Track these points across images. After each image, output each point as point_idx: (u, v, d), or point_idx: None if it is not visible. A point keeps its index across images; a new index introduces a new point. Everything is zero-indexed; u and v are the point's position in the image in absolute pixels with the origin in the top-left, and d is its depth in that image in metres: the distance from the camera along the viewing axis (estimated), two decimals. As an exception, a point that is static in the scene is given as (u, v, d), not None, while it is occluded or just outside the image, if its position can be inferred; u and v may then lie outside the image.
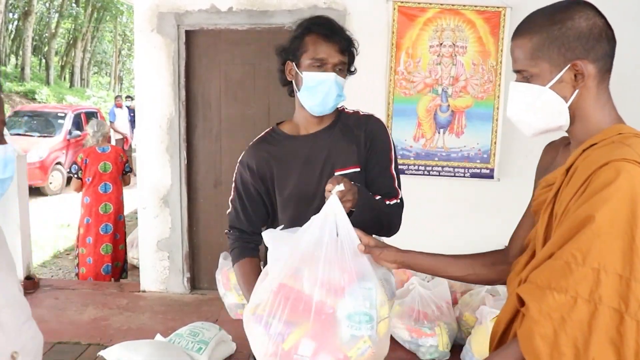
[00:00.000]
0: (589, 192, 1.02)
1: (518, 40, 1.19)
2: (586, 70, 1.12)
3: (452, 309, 3.51)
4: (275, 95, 4.43)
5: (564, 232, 1.03)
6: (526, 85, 1.18)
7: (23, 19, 21.33)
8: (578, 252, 0.99)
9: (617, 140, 1.09)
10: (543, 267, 1.05)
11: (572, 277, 0.99)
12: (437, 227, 4.33)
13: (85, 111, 11.58)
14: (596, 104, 1.16)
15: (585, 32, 1.12)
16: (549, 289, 1.00)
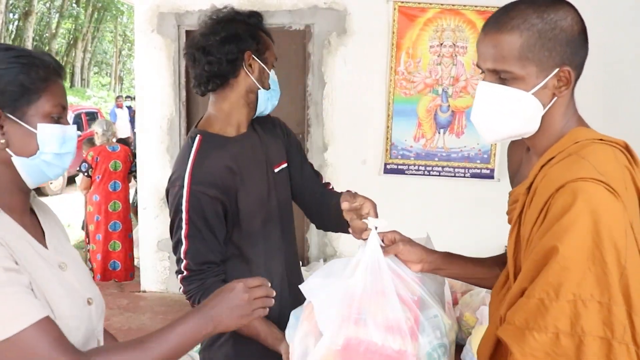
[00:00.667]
0: (548, 220, 0.97)
1: (502, 36, 1.03)
2: (572, 77, 1.04)
3: (452, 309, 3.51)
4: (275, 96, 4.43)
5: (530, 266, 0.98)
6: (503, 88, 1.05)
7: (23, 19, 21.36)
8: (549, 287, 0.94)
9: (574, 152, 1.02)
10: (518, 306, 0.99)
11: (548, 314, 0.93)
12: (437, 227, 4.31)
13: (85, 111, 11.59)
14: (565, 112, 1.08)
15: (575, 36, 1.04)
16: (528, 329, 0.95)
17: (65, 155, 1.08)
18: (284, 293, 1.60)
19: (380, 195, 4.83)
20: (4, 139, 1.01)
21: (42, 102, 1.03)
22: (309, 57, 4.30)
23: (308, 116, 4.36)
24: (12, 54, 1.04)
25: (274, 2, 4.24)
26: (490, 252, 1.45)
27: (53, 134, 1.04)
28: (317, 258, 4.42)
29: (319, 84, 4.30)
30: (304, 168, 1.75)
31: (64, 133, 1.07)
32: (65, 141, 1.08)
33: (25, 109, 1.01)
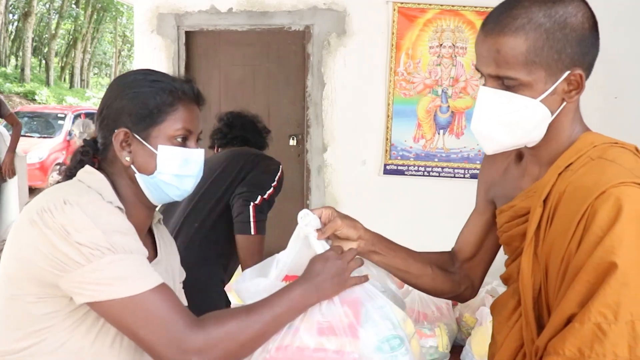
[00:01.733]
0: (594, 231, 0.85)
1: (505, 38, 0.91)
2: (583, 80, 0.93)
3: (452, 310, 3.51)
4: (275, 96, 4.43)
5: (581, 287, 0.86)
6: (508, 95, 0.94)
7: (23, 20, 21.35)
8: (607, 309, 0.83)
9: (596, 155, 0.93)
10: (568, 335, 0.86)
11: (607, 339, 0.82)
12: (436, 227, 4.32)
13: (85, 112, 11.57)
14: (573, 118, 0.99)
15: (586, 35, 0.92)
16: (583, 358, 0.84)
17: (185, 177, 1.15)
18: None
19: (379, 196, 4.86)
20: (130, 157, 1.11)
21: (165, 125, 1.11)
22: (309, 57, 4.30)
23: (307, 117, 4.36)
24: (149, 77, 1.15)
25: (274, 3, 4.24)
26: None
27: (173, 155, 1.12)
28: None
29: (318, 85, 4.30)
30: None
31: (185, 156, 1.14)
32: (187, 164, 1.14)
33: (150, 130, 1.11)
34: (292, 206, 4.55)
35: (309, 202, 4.45)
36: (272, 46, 4.38)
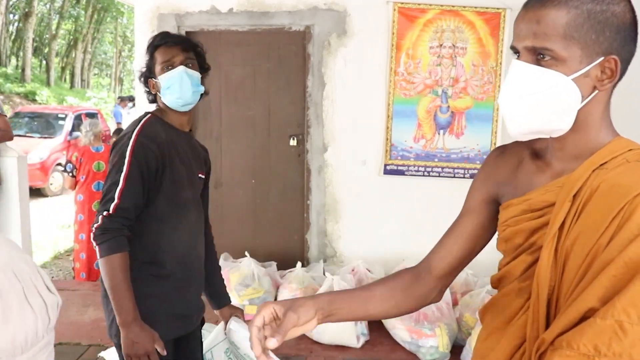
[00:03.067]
0: (630, 228, 0.83)
1: (547, 10, 0.90)
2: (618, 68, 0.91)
3: (452, 310, 3.51)
4: (275, 96, 4.44)
5: (606, 282, 0.84)
6: (540, 70, 0.92)
7: (24, 20, 21.36)
8: (632, 308, 0.80)
9: (633, 159, 0.91)
10: (585, 329, 0.83)
11: (626, 339, 0.79)
12: (437, 228, 4.31)
13: (85, 112, 11.58)
14: (604, 114, 0.96)
15: (627, 26, 0.91)
16: (599, 356, 0.81)
17: None
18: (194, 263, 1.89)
19: (380, 196, 4.86)
20: None
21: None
22: (309, 58, 4.30)
23: (308, 117, 4.37)
24: None
25: (274, 3, 4.24)
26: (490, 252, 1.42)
27: None
28: (317, 259, 4.43)
29: (319, 85, 4.31)
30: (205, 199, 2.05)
31: None
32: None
33: None
34: (293, 206, 4.57)
35: (309, 202, 4.45)
36: (273, 46, 4.38)
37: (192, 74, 1.83)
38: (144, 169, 1.67)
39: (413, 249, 4.38)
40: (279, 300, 1.05)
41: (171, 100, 1.82)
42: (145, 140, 1.70)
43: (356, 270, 3.95)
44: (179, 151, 1.82)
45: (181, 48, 1.83)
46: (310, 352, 3.42)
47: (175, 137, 1.83)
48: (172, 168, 1.77)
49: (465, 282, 3.86)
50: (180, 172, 1.80)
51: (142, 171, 1.67)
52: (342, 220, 4.43)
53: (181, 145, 1.85)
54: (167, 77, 1.80)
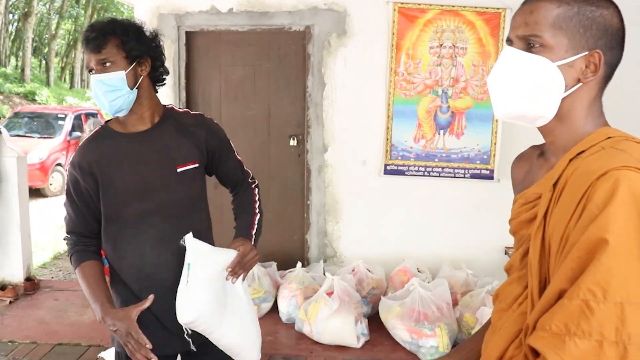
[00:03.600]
0: (590, 210, 0.87)
1: (542, 2, 1.00)
2: (601, 65, 0.99)
3: (452, 310, 3.51)
4: (275, 97, 4.43)
5: (572, 262, 0.88)
6: (528, 55, 1.00)
7: (23, 20, 21.35)
8: (596, 287, 0.84)
9: (608, 146, 0.96)
10: (555, 310, 0.88)
11: (594, 317, 0.83)
12: (437, 227, 4.33)
13: (85, 112, 11.57)
14: (589, 110, 1.03)
15: (614, 30, 1.00)
16: (569, 335, 0.85)
17: None
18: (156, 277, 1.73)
19: (380, 196, 4.86)
20: None
21: None
22: (309, 58, 4.30)
23: (308, 117, 4.36)
24: None
25: (274, 3, 4.24)
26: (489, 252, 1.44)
27: None
28: (317, 259, 4.42)
29: (319, 85, 4.30)
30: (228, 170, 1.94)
31: None
32: None
33: None
34: (293, 206, 4.57)
35: (309, 202, 4.45)
36: (273, 46, 4.38)
37: (106, 79, 1.61)
38: (74, 197, 1.73)
39: (413, 249, 4.39)
40: None
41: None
42: (71, 169, 1.73)
43: (356, 270, 3.95)
44: (121, 161, 1.68)
45: (91, 49, 1.61)
46: (310, 353, 3.42)
47: (125, 144, 1.70)
48: (109, 186, 1.68)
49: (465, 282, 3.86)
50: (125, 186, 1.68)
51: (73, 199, 1.73)
52: (342, 221, 4.42)
53: (131, 150, 1.70)
54: (90, 85, 1.70)
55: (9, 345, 3.48)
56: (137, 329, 1.56)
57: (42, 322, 3.84)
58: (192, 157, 1.76)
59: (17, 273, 4.56)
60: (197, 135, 1.79)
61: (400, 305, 3.46)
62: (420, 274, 3.99)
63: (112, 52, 1.61)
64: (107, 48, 1.61)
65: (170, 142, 1.74)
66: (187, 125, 1.79)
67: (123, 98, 1.63)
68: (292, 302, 3.77)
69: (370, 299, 3.85)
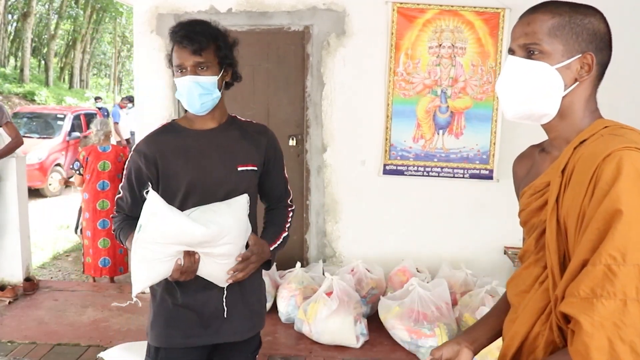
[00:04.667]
0: (601, 187, 0.98)
1: (537, 15, 1.14)
2: (594, 65, 1.12)
3: (451, 310, 3.51)
4: (274, 96, 4.43)
5: (591, 235, 0.98)
6: (529, 61, 1.14)
7: (22, 20, 21.32)
8: (616, 252, 0.94)
9: (606, 133, 1.08)
10: (581, 278, 0.97)
11: (617, 279, 0.93)
12: (436, 227, 4.33)
13: (84, 112, 11.57)
14: (586, 105, 1.16)
15: (602, 34, 1.13)
16: (596, 297, 0.94)
17: None
18: None
19: (379, 196, 4.85)
20: None
21: None
22: (308, 58, 4.30)
23: (307, 117, 4.36)
24: None
25: (273, 3, 4.24)
26: (489, 252, 1.46)
27: None
28: (316, 259, 4.42)
29: (318, 85, 4.30)
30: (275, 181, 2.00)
31: None
32: None
33: None
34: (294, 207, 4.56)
35: (308, 202, 4.45)
36: (272, 46, 4.38)
37: (203, 82, 1.72)
38: (134, 182, 1.80)
39: (412, 249, 4.39)
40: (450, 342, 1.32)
41: (185, 105, 1.79)
42: (135, 156, 1.80)
43: (355, 270, 3.95)
44: (189, 156, 1.77)
45: (191, 51, 1.69)
46: (309, 353, 3.42)
47: (191, 140, 1.79)
48: (170, 177, 1.76)
49: (465, 282, 3.86)
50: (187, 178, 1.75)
51: (132, 183, 1.81)
52: (341, 221, 4.42)
53: (197, 146, 1.79)
54: (178, 83, 1.75)
55: (9, 346, 3.47)
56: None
57: (41, 322, 3.84)
58: (252, 159, 1.84)
59: (16, 273, 4.55)
60: (258, 141, 1.89)
61: (399, 305, 3.46)
62: (419, 273, 3.99)
63: (210, 57, 1.72)
64: (206, 52, 1.71)
65: (233, 142, 1.84)
66: (250, 131, 1.90)
67: (213, 100, 1.78)
68: (292, 302, 3.77)
69: (370, 299, 3.85)
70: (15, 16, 23.35)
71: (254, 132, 1.91)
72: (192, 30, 1.71)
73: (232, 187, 1.78)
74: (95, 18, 28.25)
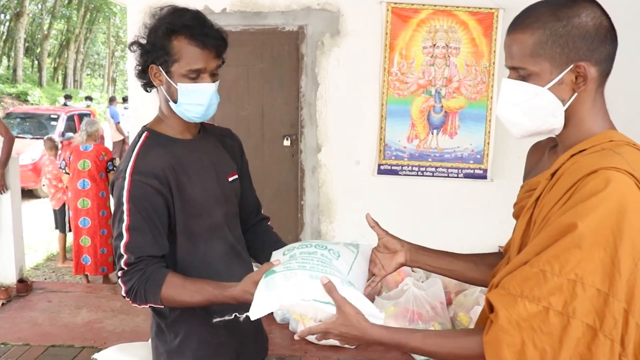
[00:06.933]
0: (574, 199, 0.96)
1: (517, 35, 1.08)
2: (589, 73, 1.05)
3: (446, 309, 3.52)
4: (269, 97, 4.43)
5: (542, 238, 0.98)
6: (521, 84, 1.08)
7: (15, 20, 21.22)
8: (555, 261, 0.94)
9: (608, 148, 1.03)
10: (516, 274, 0.99)
11: (546, 286, 0.94)
12: (430, 227, 4.34)
13: (78, 113, 11.53)
14: (592, 109, 1.09)
15: (591, 32, 1.03)
16: (521, 297, 0.96)
17: None
18: None
19: (373, 195, 4.86)
20: None
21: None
22: (303, 58, 4.30)
23: (302, 117, 4.36)
24: None
25: (267, 3, 4.24)
26: (483, 251, 1.45)
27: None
28: (311, 259, 4.42)
29: (312, 85, 4.30)
30: (247, 190, 1.74)
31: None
32: None
33: None
34: (287, 206, 4.56)
35: (303, 202, 4.45)
36: (266, 46, 4.37)
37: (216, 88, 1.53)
38: (149, 213, 1.40)
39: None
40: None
41: (186, 113, 1.49)
42: (141, 178, 1.40)
43: (350, 270, 3.94)
44: (189, 169, 1.49)
45: (215, 54, 1.47)
46: (305, 353, 3.42)
47: (182, 151, 1.50)
48: (182, 195, 1.46)
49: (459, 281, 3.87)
50: (195, 195, 1.48)
51: (146, 216, 1.40)
52: (336, 221, 4.43)
53: (193, 157, 1.52)
54: (191, 90, 1.46)
55: (2, 348, 3.46)
56: None
57: (35, 324, 3.82)
58: (233, 167, 1.65)
59: (9, 274, 4.53)
60: (232, 146, 1.70)
61: (394, 305, 3.46)
62: (414, 273, 4.00)
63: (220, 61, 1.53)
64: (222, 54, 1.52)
65: (217, 150, 1.62)
66: (221, 136, 1.68)
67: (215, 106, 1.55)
68: (287, 302, 3.76)
69: (365, 298, 3.85)
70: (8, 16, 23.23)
71: (225, 137, 1.70)
72: (211, 28, 1.46)
73: (229, 202, 1.60)
74: (89, 18, 28.15)
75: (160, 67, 1.44)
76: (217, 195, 1.55)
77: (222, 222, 1.57)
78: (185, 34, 1.42)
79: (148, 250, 1.40)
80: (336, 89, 4.29)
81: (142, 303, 1.39)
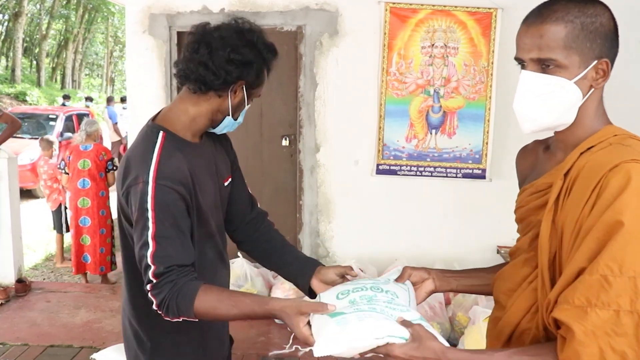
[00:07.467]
0: (605, 198, 0.98)
1: (549, 26, 1.06)
2: (609, 69, 1.08)
3: (445, 309, 3.52)
4: (267, 97, 4.43)
5: (591, 244, 0.98)
6: (546, 77, 1.08)
7: (13, 20, 21.19)
8: (613, 263, 0.94)
9: (615, 142, 1.06)
10: (577, 285, 0.98)
11: (611, 290, 0.94)
12: (429, 227, 4.34)
13: (76, 113, 11.52)
14: (599, 106, 1.13)
15: (611, 33, 1.09)
16: (590, 306, 0.95)
17: None
18: None
19: (372, 196, 4.86)
20: None
21: None
22: (301, 58, 4.30)
23: (300, 117, 4.36)
24: None
25: (266, 3, 4.24)
26: (482, 251, 1.47)
27: None
28: (310, 259, 4.42)
29: (310, 85, 4.30)
30: (242, 189, 1.71)
31: None
32: None
33: None
34: (286, 206, 4.56)
35: (301, 202, 4.45)
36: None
37: None
38: (176, 220, 1.34)
39: (406, 249, 4.40)
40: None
41: (227, 129, 1.54)
42: (167, 184, 1.33)
43: (349, 270, 3.94)
44: (200, 175, 1.45)
45: None
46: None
47: (193, 156, 1.45)
48: (198, 204, 1.43)
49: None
50: (202, 204, 1.45)
51: (173, 223, 1.34)
52: (334, 221, 4.43)
53: (201, 163, 1.48)
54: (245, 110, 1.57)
55: (1, 348, 3.45)
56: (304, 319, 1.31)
57: (33, 324, 3.82)
58: (227, 170, 1.63)
59: (8, 275, 4.53)
60: (225, 147, 1.65)
61: (393, 305, 3.46)
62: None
63: None
64: None
65: (216, 154, 1.58)
66: (215, 138, 1.61)
67: None
68: (285, 302, 3.76)
69: (363, 298, 3.85)
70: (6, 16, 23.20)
71: (221, 138, 1.64)
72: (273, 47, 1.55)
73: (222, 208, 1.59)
74: (87, 18, 28.12)
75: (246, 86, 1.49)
76: (216, 202, 1.54)
77: (215, 229, 1.55)
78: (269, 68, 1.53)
79: (177, 259, 1.32)
80: (335, 89, 4.29)
81: (174, 317, 1.32)
